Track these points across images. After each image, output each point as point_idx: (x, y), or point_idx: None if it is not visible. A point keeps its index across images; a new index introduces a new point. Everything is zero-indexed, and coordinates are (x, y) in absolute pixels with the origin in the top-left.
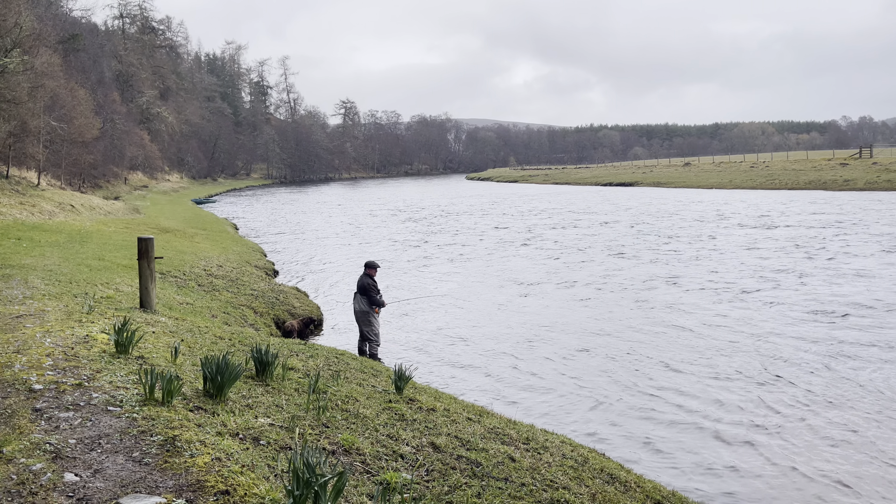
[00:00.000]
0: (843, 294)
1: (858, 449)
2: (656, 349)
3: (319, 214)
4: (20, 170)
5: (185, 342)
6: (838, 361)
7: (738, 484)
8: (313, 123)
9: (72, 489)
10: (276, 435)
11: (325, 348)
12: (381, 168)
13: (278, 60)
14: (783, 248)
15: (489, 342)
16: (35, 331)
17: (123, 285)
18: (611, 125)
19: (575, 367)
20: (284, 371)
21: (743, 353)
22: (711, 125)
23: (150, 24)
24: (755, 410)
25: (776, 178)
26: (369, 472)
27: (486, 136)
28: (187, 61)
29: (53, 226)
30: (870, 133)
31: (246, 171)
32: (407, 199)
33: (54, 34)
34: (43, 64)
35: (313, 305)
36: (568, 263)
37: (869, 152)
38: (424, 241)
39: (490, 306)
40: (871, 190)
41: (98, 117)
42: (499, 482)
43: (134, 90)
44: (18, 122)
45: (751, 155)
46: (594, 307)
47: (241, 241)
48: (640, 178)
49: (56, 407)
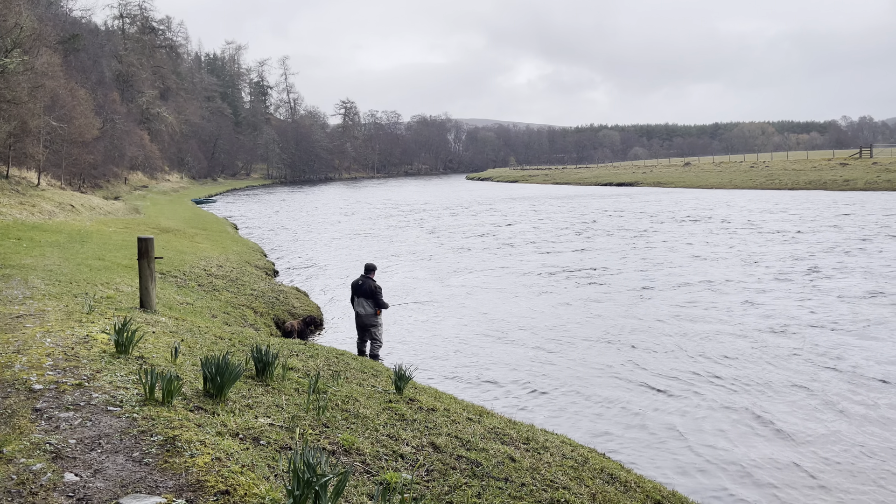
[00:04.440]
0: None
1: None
2: (658, 349)
3: (319, 215)
4: (20, 170)
5: (185, 342)
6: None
7: (738, 484)
8: (313, 123)
9: (72, 489)
10: (276, 435)
11: (325, 348)
12: (381, 168)
13: (278, 60)
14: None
15: (489, 341)
16: (35, 331)
17: (123, 285)
18: (611, 125)
19: (575, 367)
20: (284, 371)
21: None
22: (711, 125)
23: (150, 24)
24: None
25: (776, 178)
26: (369, 472)
27: (486, 136)
28: (187, 61)
29: (53, 226)
30: (870, 133)
31: (246, 171)
32: (410, 199)
33: (54, 34)
34: (43, 64)
35: (313, 305)
36: (567, 263)
37: (869, 152)
38: (424, 239)
39: (490, 305)
40: (871, 190)
41: (98, 117)
42: (499, 482)
43: (134, 90)
44: (18, 122)
45: (751, 155)
46: (598, 307)
47: (241, 240)
48: (640, 179)
49: (56, 407)
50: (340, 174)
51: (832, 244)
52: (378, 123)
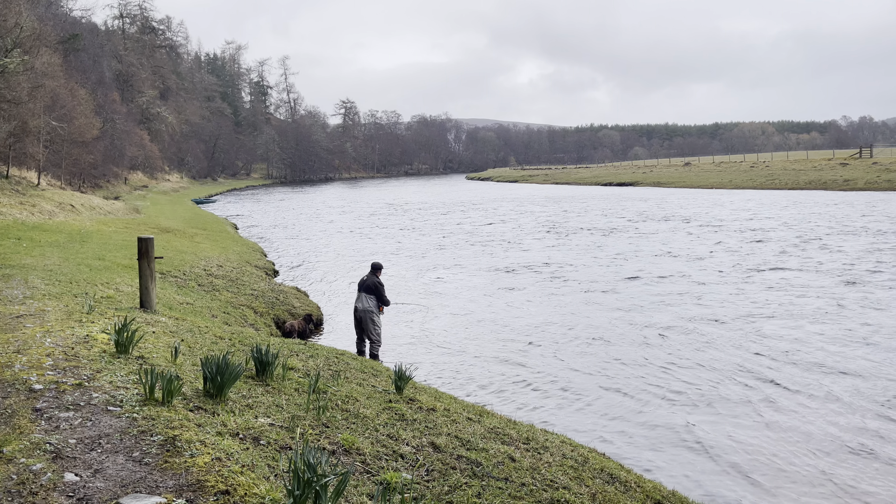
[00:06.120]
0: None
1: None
2: (659, 350)
3: (319, 214)
4: (20, 170)
5: (185, 342)
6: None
7: (738, 485)
8: (313, 123)
9: (72, 489)
10: (277, 435)
11: (325, 348)
12: (381, 168)
13: (278, 60)
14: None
15: (489, 341)
16: (35, 331)
17: (123, 285)
18: (611, 125)
19: (576, 366)
20: (284, 371)
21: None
22: (712, 125)
23: (150, 24)
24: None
25: (776, 177)
26: (369, 472)
27: (486, 136)
28: (187, 61)
29: (53, 226)
30: (870, 133)
31: (246, 171)
32: (410, 199)
33: (54, 34)
34: (43, 64)
35: (313, 305)
36: (569, 264)
37: (869, 152)
38: (424, 238)
39: (490, 306)
40: (871, 190)
41: (98, 117)
42: (499, 482)
43: (134, 90)
44: (18, 122)
45: (751, 155)
46: (602, 306)
47: (241, 240)
48: (640, 178)
49: (56, 407)
50: (340, 174)
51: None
52: (378, 123)
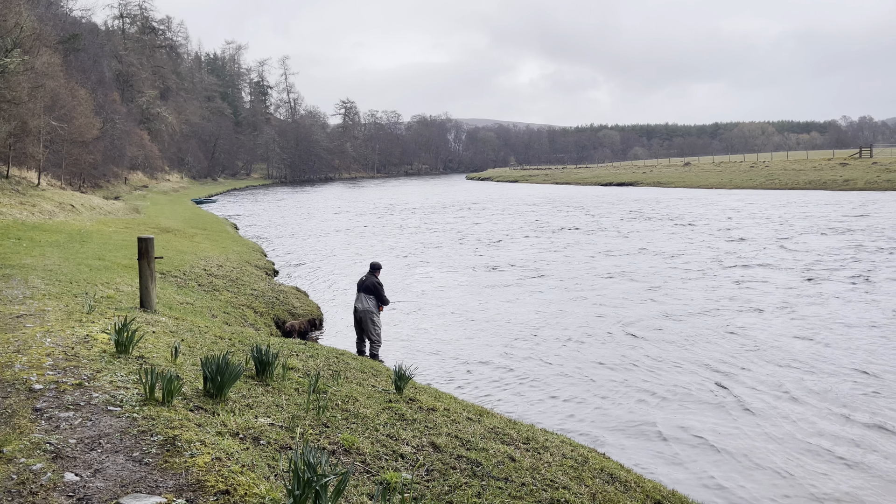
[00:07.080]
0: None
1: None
2: (660, 350)
3: (319, 214)
4: (20, 170)
5: (185, 342)
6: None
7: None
8: (313, 123)
9: (72, 489)
10: (277, 435)
11: (325, 348)
12: (381, 168)
13: (278, 60)
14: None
15: (489, 341)
16: (35, 330)
17: (123, 285)
18: (611, 125)
19: (576, 367)
20: (284, 371)
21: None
22: (711, 125)
23: (150, 24)
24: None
25: (776, 177)
26: (369, 472)
27: (486, 136)
28: (187, 61)
29: (53, 226)
30: (870, 133)
31: (246, 171)
32: (411, 199)
33: (54, 34)
34: (43, 64)
35: (313, 305)
36: (569, 264)
37: (869, 152)
38: (424, 240)
39: (490, 305)
40: (871, 190)
41: (98, 117)
42: (499, 482)
43: (134, 90)
44: (18, 122)
45: (751, 155)
46: (604, 305)
47: (241, 240)
48: (640, 178)
49: (56, 407)
50: (340, 174)
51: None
52: (378, 123)
